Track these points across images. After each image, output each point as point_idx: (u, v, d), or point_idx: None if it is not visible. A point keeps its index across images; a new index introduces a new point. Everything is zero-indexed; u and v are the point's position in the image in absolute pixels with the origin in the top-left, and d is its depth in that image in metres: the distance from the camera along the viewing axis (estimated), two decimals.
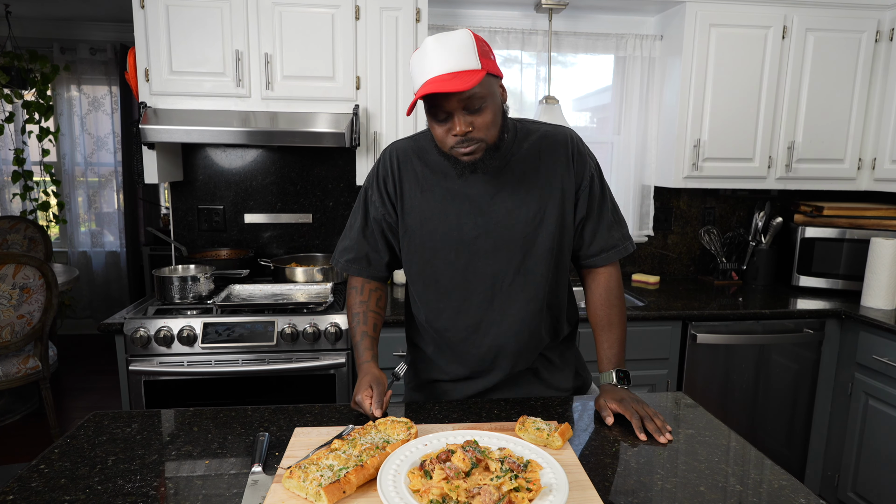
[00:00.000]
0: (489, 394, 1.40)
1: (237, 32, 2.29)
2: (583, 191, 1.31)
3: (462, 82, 1.07)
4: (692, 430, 1.21)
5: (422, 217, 1.30)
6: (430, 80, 1.09)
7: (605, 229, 1.34)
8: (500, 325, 1.31)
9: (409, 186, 1.31)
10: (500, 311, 1.31)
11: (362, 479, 0.94)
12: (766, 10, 2.56)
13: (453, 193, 1.28)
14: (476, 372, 1.38)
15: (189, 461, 1.06)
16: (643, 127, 2.88)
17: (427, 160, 1.31)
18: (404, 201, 1.32)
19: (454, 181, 1.28)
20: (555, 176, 1.29)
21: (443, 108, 1.12)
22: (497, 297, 1.30)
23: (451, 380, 1.41)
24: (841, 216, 2.71)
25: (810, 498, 0.96)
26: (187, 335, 2.06)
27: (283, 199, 2.80)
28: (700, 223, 3.05)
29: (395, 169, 1.32)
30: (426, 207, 1.29)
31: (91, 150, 4.71)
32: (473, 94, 1.11)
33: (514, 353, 1.34)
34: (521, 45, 2.75)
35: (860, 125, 2.70)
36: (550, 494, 0.88)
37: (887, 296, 2.41)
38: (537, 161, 1.29)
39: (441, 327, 1.35)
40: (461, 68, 1.09)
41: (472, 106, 1.12)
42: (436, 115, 1.14)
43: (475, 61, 1.11)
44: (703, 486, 1.00)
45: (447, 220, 1.28)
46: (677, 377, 2.44)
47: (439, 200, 1.29)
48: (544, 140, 1.31)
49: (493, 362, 1.35)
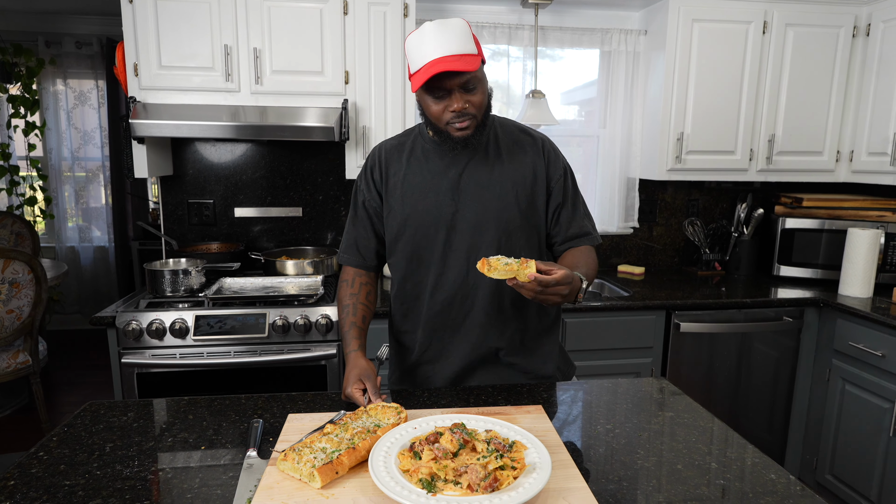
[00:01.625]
0: (468, 379, 1.45)
1: (226, 27, 2.30)
2: (556, 182, 1.42)
3: (467, 63, 1.20)
4: (672, 412, 1.26)
5: (403, 196, 1.39)
6: (436, 59, 1.19)
7: (579, 218, 1.44)
8: (474, 298, 1.39)
9: (394, 171, 1.41)
10: (473, 284, 1.39)
11: (354, 461, 0.97)
12: (747, 5, 2.61)
13: (433, 174, 1.38)
14: (451, 348, 1.44)
15: (185, 447, 1.10)
16: (628, 120, 2.93)
17: (413, 149, 1.42)
18: (388, 185, 1.42)
19: (435, 163, 1.38)
20: (526, 162, 1.40)
21: (443, 87, 1.23)
22: (471, 271, 1.38)
23: (429, 361, 1.46)
24: (820, 207, 2.78)
25: (780, 473, 1.02)
26: (179, 328, 2.08)
27: (272, 192, 2.82)
28: (684, 215, 3.11)
29: (381, 159, 1.44)
30: (408, 188, 1.39)
31: (78, 145, 4.68)
32: (473, 75, 1.23)
33: (483, 325, 1.41)
34: (508, 40, 2.79)
35: (838, 118, 2.77)
36: (534, 472, 0.93)
37: (863, 284, 2.49)
38: (511, 148, 1.41)
39: (420, 301, 1.43)
40: (463, 51, 1.21)
41: (469, 86, 1.25)
42: (434, 92, 1.25)
43: (473, 46, 1.24)
44: (681, 464, 1.05)
45: (426, 198, 1.38)
46: (661, 365, 2.50)
47: (420, 181, 1.39)
48: (520, 133, 1.44)
49: (466, 336, 1.42)
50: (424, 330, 1.44)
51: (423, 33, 1.22)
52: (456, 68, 1.18)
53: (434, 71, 1.18)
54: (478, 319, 1.41)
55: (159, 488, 0.96)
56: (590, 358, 2.40)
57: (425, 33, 1.21)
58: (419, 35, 1.22)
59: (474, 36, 1.25)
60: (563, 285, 1.15)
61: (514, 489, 0.88)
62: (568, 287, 1.16)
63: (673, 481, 0.99)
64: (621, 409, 1.28)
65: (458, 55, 1.20)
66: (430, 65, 1.19)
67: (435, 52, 1.19)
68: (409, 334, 1.48)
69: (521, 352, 1.46)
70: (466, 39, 1.22)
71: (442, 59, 1.19)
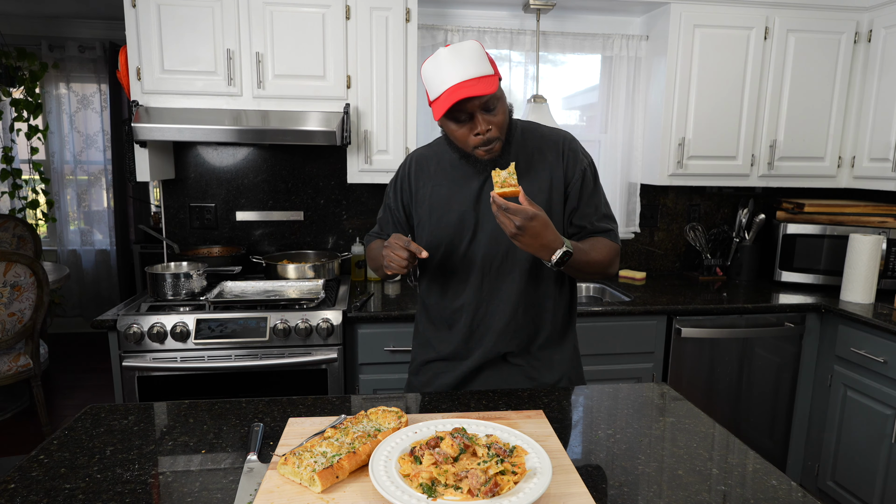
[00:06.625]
0: (477, 380, 1.48)
1: (228, 31, 2.31)
2: (573, 185, 1.41)
3: (486, 86, 1.22)
4: (673, 418, 1.26)
5: (431, 208, 1.45)
6: (455, 86, 1.22)
7: (596, 220, 1.43)
8: (489, 303, 1.43)
9: (423, 184, 1.47)
10: (489, 291, 1.43)
11: (355, 465, 0.97)
12: (748, 11, 2.62)
13: (458, 185, 1.43)
14: (465, 351, 1.47)
15: (186, 451, 1.09)
16: (629, 125, 2.93)
17: (441, 160, 1.47)
18: (417, 198, 1.49)
19: (459, 174, 1.42)
20: (545, 169, 1.41)
21: (464, 111, 1.26)
22: (486, 278, 1.42)
23: (443, 358, 1.51)
24: (821, 213, 2.78)
25: (781, 480, 1.01)
26: (180, 331, 2.08)
27: (274, 196, 2.83)
28: (686, 220, 3.11)
29: (410, 173, 1.51)
30: (435, 200, 1.45)
31: (80, 149, 4.69)
32: (493, 96, 1.26)
33: (498, 331, 1.44)
34: (510, 45, 2.79)
35: (840, 124, 2.77)
36: (535, 477, 0.92)
37: (865, 290, 2.48)
38: (532, 157, 1.42)
39: (441, 305, 1.49)
40: (480, 74, 1.23)
41: (489, 107, 1.27)
42: (457, 118, 1.28)
43: (489, 67, 1.26)
44: (682, 470, 1.05)
45: (451, 210, 1.42)
46: (662, 370, 2.49)
47: (445, 193, 1.44)
48: (542, 139, 1.44)
49: (481, 340, 1.45)
50: (444, 331, 1.50)
51: (438, 60, 1.24)
52: (475, 93, 1.20)
53: (455, 98, 1.20)
54: (492, 326, 1.44)
55: (160, 492, 0.96)
56: (591, 363, 2.39)
57: (441, 60, 1.24)
58: (435, 62, 1.25)
59: (488, 55, 1.28)
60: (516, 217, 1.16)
61: (515, 494, 0.88)
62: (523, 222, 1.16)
63: (674, 487, 0.99)
64: (622, 414, 1.28)
65: (476, 78, 1.22)
66: (450, 91, 1.22)
67: (453, 79, 1.22)
68: (430, 331, 1.54)
69: (528, 358, 1.48)
70: (481, 61, 1.24)
71: (461, 85, 1.21)
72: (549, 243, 1.21)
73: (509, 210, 1.17)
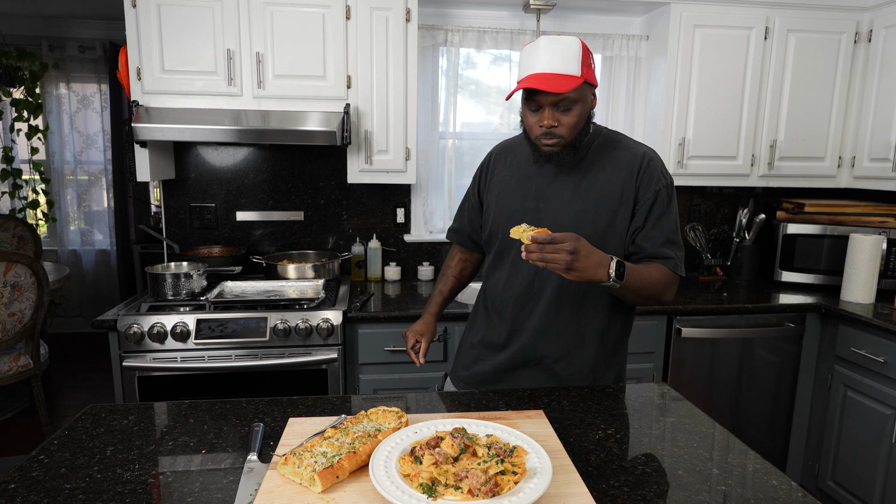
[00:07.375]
0: (512, 378, 1.50)
1: (229, 31, 2.31)
2: (643, 203, 1.36)
3: (559, 85, 1.23)
4: (673, 418, 1.26)
5: (499, 195, 1.49)
6: (534, 75, 1.25)
7: (659, 244, 1.36)
8: (537, 300, 1.44)
9: (498, 172, 1.53)
10: (539, 289, 1.44)
11: (355, 465, 0.97)
12: (748, 11, 2.62)
13: (526, 177, 1.45)
14: (505, 340, 1.50)
15: (186, 451, 1.09)
16: (630, 125, 2.93)
17: (519, 152, 1.50)
18: (490, 185, 1.54)
19: (530, 168, 1.45)
20: (616, 182, 1.38)
21: (537, 101, 1.29)
22: (538, 275, 1.43)
23: (485, 345, 1.54)
24: (822, 213, 2.78)
25: (781, 480, 1.01)
26: (180, 331, 2.08)
27: (274, 196, 2.83)
28: (686, 220, 3.11)
29: (490, 160, 1.57)
30: (504, 188, 1.49)
31: (80, 149, 4.69)
32: (567, 97, 1.26)
33: (538, 330, 1.45)
34: (510, 45, 2.79)
35: (840, 124, 2.77)
36: (535, 477, 0.92)
37: (865, 290, 2.48)
38: (607, 167, 1.39)
39: (493, 292, 1.52)
40: (563, 72, 1.24)
41: (562, 106, 1.28)
42: (530, 104, 1.31)
43: (577, 68, 1.25)
44: (682, 470, 1.05)
45: (515, 199, 1.45)
46: (662, 370, 2.49)
47: (514, 184, 1.47)
48: (622, 151, 1.41)
49: (520, 335, 1.47)
50: (493, 316, 1.53)
51: (535, 46, 1.28)
52: (545, 87, 1.22)
53: (526, 85, 1.24)
54: (533, 325, 1.45)
55: (160, 492, 0.96)
56: None
57: (537, 46, 1.27)
58: (533, 47, 1.28)
59: (586, 58, 1.27)
60: (565, 244, 1.13)
61: (515, 494, 0.88)
62: (574, 245, 1.13)
63: (674, 487, 0.99)
64: (622, 414, 1.28)
65: (556, 74, 1.23)
66: (528, 78, 1.25)
67: (536, 67, 1.25)
68: (482, 314, 1.57)
69: (569, 369, 1.46)
70: (571, 60, 1.24)
71: (539, 76, 1.24)
72: (601, 259, 1.19)
73: (555, 240, 1.13)
